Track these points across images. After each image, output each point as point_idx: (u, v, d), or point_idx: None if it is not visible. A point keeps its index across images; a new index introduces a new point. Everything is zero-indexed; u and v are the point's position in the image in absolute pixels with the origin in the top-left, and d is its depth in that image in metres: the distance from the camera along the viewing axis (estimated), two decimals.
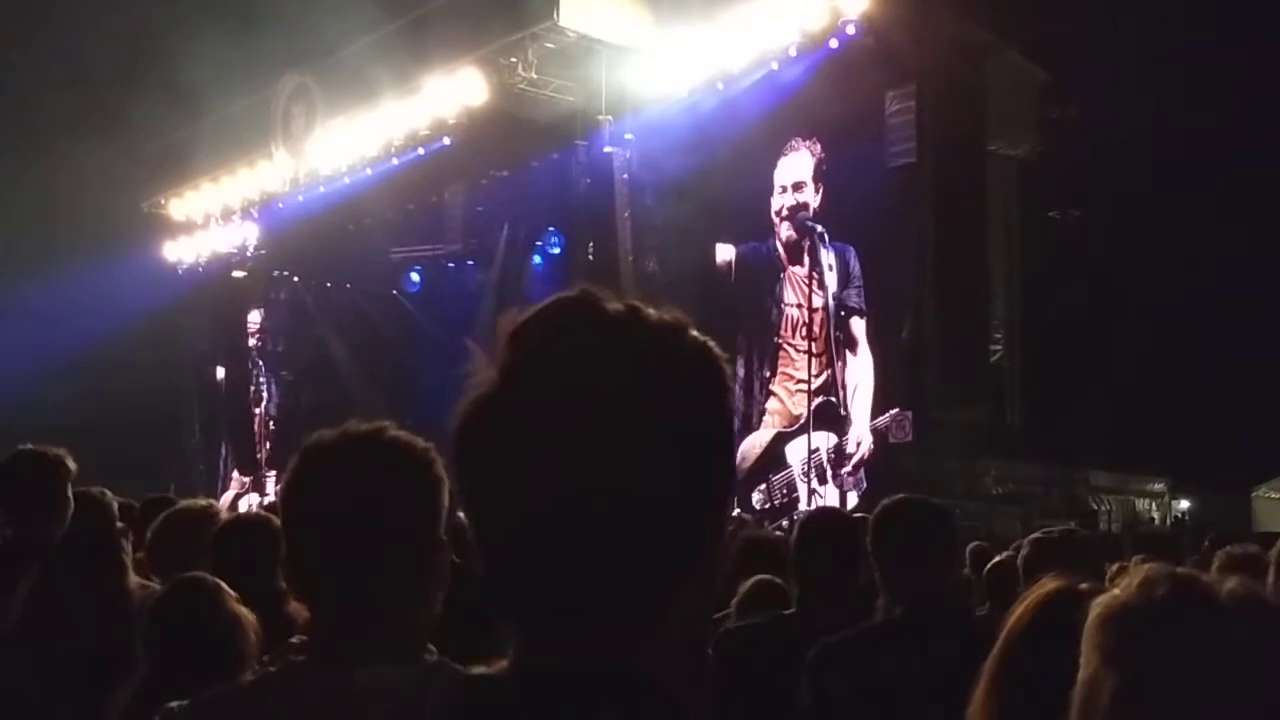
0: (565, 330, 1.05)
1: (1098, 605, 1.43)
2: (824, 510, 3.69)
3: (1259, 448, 18.18)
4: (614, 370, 1.01)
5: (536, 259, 23.98)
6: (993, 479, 17.62)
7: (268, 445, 27.06)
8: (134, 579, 3.25)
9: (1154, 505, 21.03)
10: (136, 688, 2.62)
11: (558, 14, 18.41)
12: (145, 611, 2.74)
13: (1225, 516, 18.48)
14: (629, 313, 1.06)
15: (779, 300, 19.23)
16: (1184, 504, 21.20)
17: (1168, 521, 19.92)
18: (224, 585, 2.65)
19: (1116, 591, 1.43)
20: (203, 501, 4.11)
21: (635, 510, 1.00)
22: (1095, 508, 18.34)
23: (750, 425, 18.86)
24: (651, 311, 1.07)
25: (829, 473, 17.53)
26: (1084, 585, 1.61)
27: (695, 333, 1.08)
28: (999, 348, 19.50)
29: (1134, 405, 19.27)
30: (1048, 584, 1.74)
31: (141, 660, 2.65)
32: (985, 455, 17.60)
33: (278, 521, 3.26)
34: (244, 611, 2.58)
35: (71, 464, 4.10)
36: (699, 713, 2.62)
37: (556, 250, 23.50)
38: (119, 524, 4.33)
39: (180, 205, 26.96)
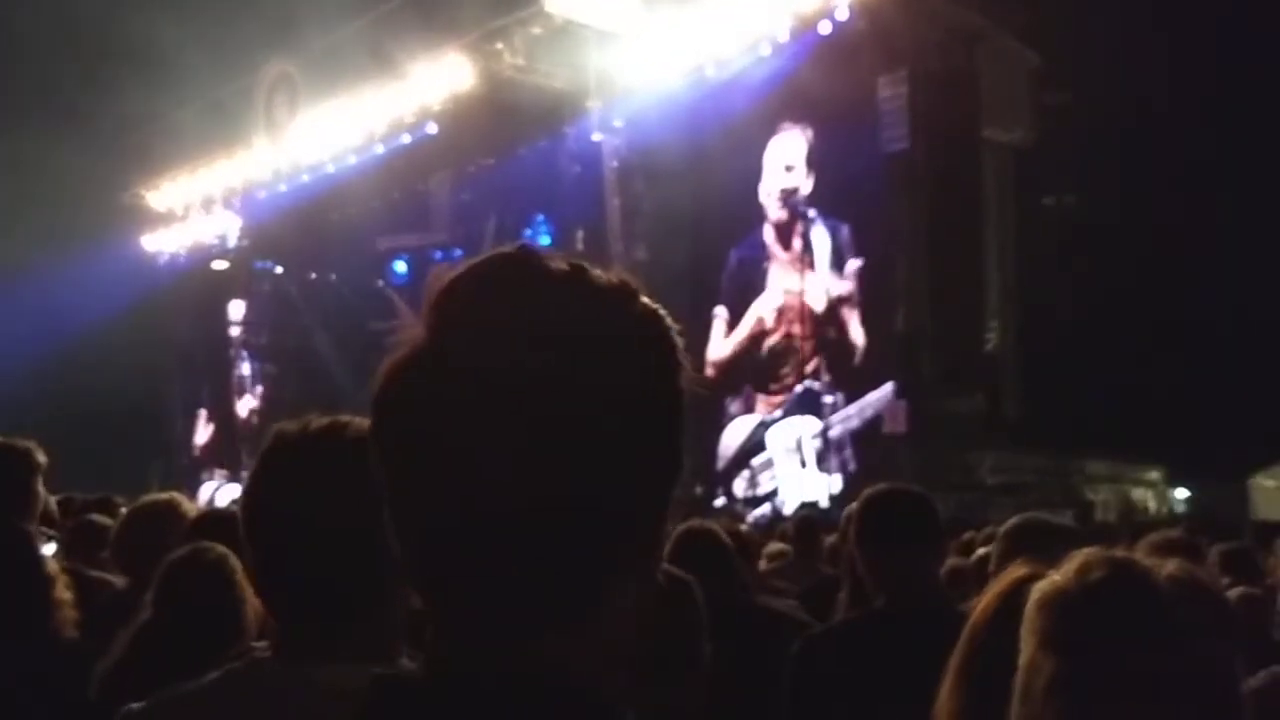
0: (502, 287, 0.93)
1: (1036, 591, 1.42)
2: (894, 487, 3.53)
3: (1256, 435, 18.13)
4: (556, 332, 0.91)
5: None
6: (988, 469, 17.51)
7: (250, 438, 26.85)
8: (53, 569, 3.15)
9: (1151, 494, 21.02)
10: (135, 631, 2.68)
11: None
12: (165, 565, 2.75)
13: (1223, 505, 18.41)
14: (573, 272, 0.94)
15: (765, 289, 19.13)
16: (1181, 493, 21.19)
17: (1164, 511, 19.90)
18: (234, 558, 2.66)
19: (1056, 577, 1.42)
20: (165, 496, 3.97)
21: (577, 492, 0.89)
22: (1091, 497, 18.27)
23: (734, 412, 18.79)
24: (598, 271, 0.95)
25: (813, 458, 17.41)
26: (1050, 572, 1.52)
27: (645, 298, 0.96)
28: (993, 335, 19.40)
29: (1130, 394, 19.23)
30: (1013, 572, 1.69)
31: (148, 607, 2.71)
32: (980, 445, 17.50)
33: None
34: (248, 589, 2.53)
35: (41, 456, 3.97)
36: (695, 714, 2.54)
37: (545, 239, 23.31)
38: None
39: (160, 196, 26.75)
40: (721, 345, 19.50)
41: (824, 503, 15.53)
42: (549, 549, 0.89)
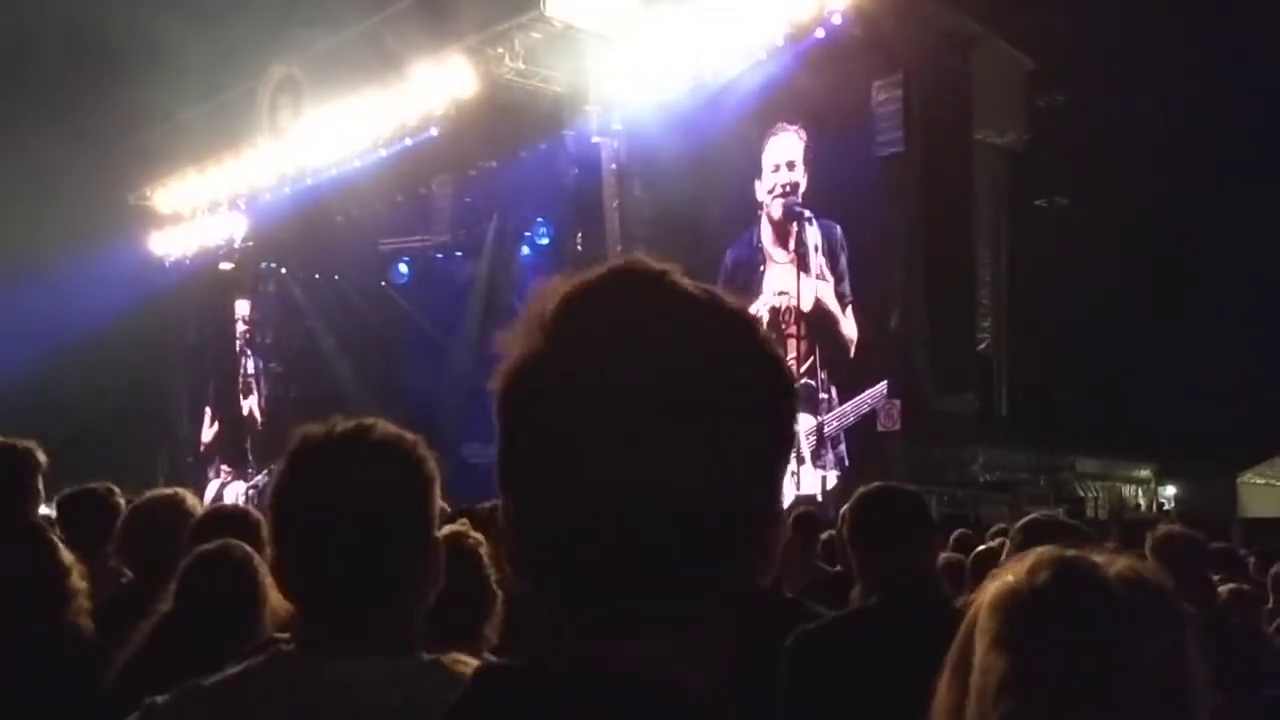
0: (630, 298, 0.94)
1: (988, 591, 1.41)
2: (886, 486, 3.45)
3: (1244, 434, 18.27)
4: (686, 347, 0.91)
5: (525, 250, 23.95)
6: (980, 466, 17.70)
7: (255, 436, 27.06)
8: (67, 559, 3.14)
9: (1140, 491, 21.13)
10: (155, 623, 2.68)
11: (544, 4, 18.38)
12: (192, 558, 2.74)
13: (1211, 502, 18.58)
14: (704, 292, 0.96)
15: (761, 290, 19.31)
16: (1170, 490, 21.31)
17: (1154, 507, 20.03)
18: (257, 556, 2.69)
19: (1008, 576, 1.42)
20: (169, 491, 3.96)
21: (698, 506, 0.90)
22: (1082, 494, 18.43)
23: None
24: (719, 292, 0.97)
25: (809, 454, 17.59)
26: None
27: (764, 326, 0.99)
28: (986, 336, 19.55)
29: (1121, 392, 19.36)
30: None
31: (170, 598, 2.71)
32: (973, 442, 17.67)
33: (256, 514, 3.29)
34: (270, 588, 2.54)
35: (41, 456, 3.99)
36: None
37: (545, 241, 23.47)
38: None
39: (166, 198, 26.88)
40: None
41: (819, 497, 15.72)
42: (667, 557, 0.90)
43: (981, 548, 6.50)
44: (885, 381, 17.34)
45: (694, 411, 0.90)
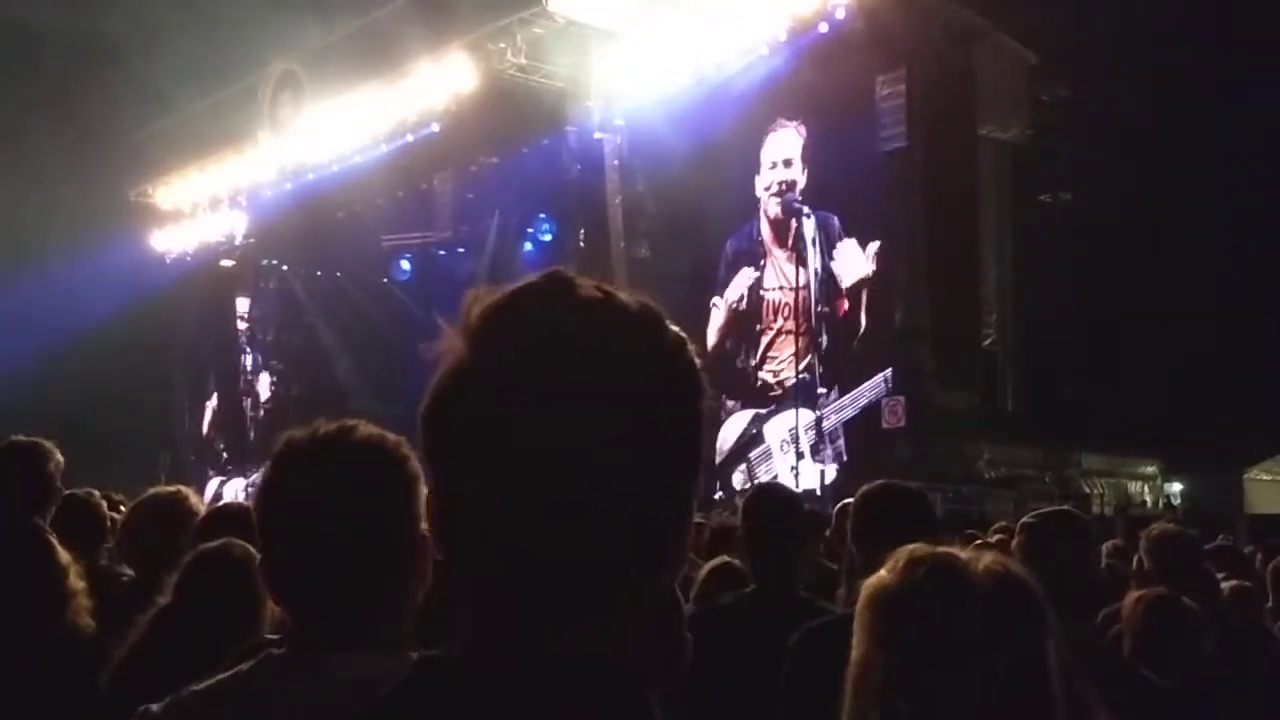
0: (542, 309, 1.01)
1: (866, 588, 1.48)
2: (768, 486, 3.66)
3: (1250, 430, 18.22)
4: (596, 353, 0.98)
5: (528, 246, 23.91)
6: (985, 462, 17.65)
7: (256, 433, 27.02)
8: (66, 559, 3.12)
9: (1146, 488, 21.09)
10: (151, 619, 2.71)
11: None
12: (194, 555, 2.77)
13: (1217, 499, 18.53)
14: (606, 298, 1.02)
15: (760, 285, 19.28)
16: (1176, 486, 21.26)
17: (1159, 504, 19.98)
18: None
19: (884, 573, 1.49)
20: (171, 489, 3.97)
21: (611, 499, 0.96)
22: (1088, 491, 18.39)
23: (731, 407, 18.93)
24: (628, 298, 1.03)
25: (808, 449, 17.57)
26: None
27: (673, 326, 1.04)
28: (991, 331, 19.51)
29: (1126, 388, 19.32)
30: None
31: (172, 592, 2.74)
32: (978, 439, 17.63)
33: None
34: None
35: (60, 457, 4.05)
36: (679, 703, 2.60)
37: (548, 237, 23.45)
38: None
39: (167, 194, 26.87)
40: (719, 335, 19.71)
41: (818, 491, 15.70)
42: (583, 547, 0.96)
43: (979, 542, 6.47)
44: (883, 374, 17.30)
45: (604, 412, 0.96)
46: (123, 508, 4.52)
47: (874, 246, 17.84)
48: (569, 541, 0.96)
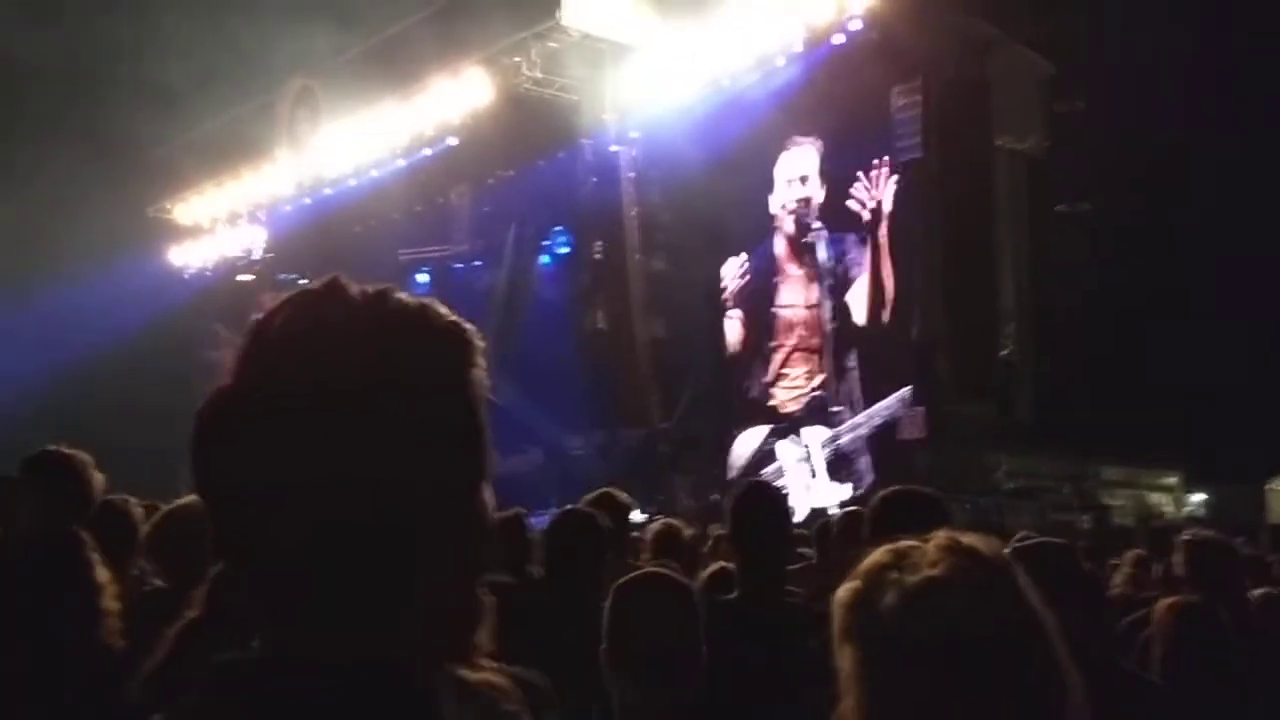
0: (308, 319, 1.01)
1: (841, 590, 1.51)
2: (757, 484, 3.69)
3: (1273, 440, 18.05)
4: (355, 356, 0.99)
5: (544, 258, 23.96)
6: (1005, 473, 17.55)
7: None
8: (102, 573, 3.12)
9: (1168, 499, 20.92)
10: (179, 629, 2.73)
11: (560, 13, 18.41)
12: (217, 570, 2.74)
13: (1239, 509, 18.36)
14: (375, 297, 1.03)
15: (774, 303, 19.25)
16: (1197, 497, 21.09)
17: (1181, 515, 19.80)
18: None
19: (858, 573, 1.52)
20: (195, 498, 3.95)
21: (377, 501, 0.97)
22: (1108, 501, 18.25)
23: (745, 425, 18.90)
24: (402, 295, 1.04)
25: (823, 468, 17.49)
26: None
27: (444, 311, 1.05)
28: (1009, 342, 19.41)
29: (1146, 398, 19.17)
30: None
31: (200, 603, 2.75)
32: (997, 450, 17.53)
33: None
34: None
35: (99, 474, 4.15)
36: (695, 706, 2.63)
37: (564, 249, 23.50)
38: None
39: (186, 210, 27.01)
40: (736, 350, 19.69)
41: (833, 510, 15.62)
42: (357, 555, 0.97)
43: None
44: (903, 391, 17.24)
45: (356, 413, 0.96)
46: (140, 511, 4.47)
47: (890, 261, 17.81)
48: (344, 550, 0.97)
